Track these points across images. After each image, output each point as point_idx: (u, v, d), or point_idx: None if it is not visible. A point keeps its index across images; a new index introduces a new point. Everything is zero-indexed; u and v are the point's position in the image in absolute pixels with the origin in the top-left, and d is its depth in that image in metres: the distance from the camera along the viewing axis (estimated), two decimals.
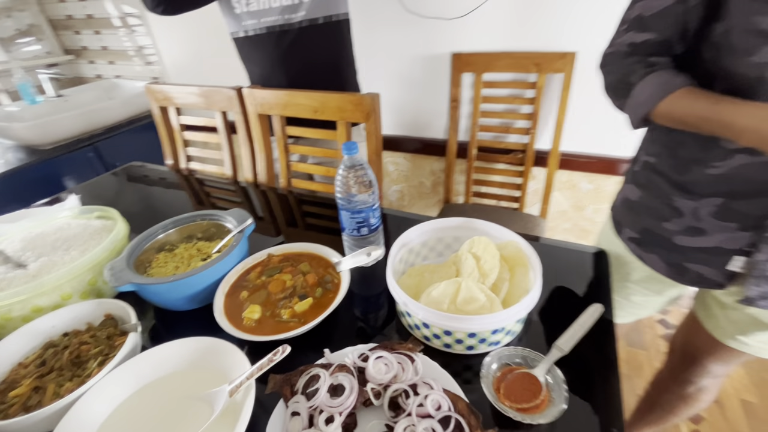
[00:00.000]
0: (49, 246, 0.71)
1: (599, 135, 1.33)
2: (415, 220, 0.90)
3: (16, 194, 1.53)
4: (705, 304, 0.77)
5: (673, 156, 0.63)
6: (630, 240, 0.74)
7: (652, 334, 1.58)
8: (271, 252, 0.73)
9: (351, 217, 0.70)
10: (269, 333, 0.57)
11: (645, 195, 0.69)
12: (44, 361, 0.57)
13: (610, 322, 0.60)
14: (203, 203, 1.07)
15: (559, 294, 0.67)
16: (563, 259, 0.76)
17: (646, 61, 0.57)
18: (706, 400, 0.92)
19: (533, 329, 0.61)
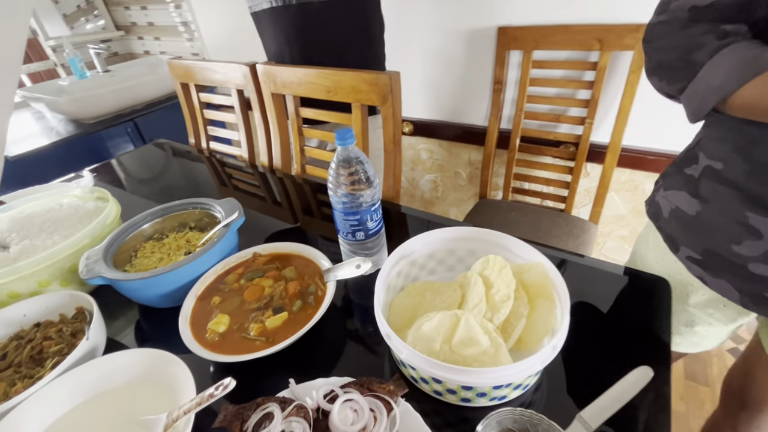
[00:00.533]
0: (36, 228, 0.68)
1: (672, 128, 1.10)
2: (435, 222, 0.78)
3: (58, 166, 1.60)
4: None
5: (748, 160, 0.46)
6: (690, 260, 0.57)
7: (720, 365, 1.34)
8: (258, 251, 0.65)
9: (345, 219, 0.60)
10: (231, 351, 0.49)
11: (707, 210, 0.52)
12: (6, 354, 0.54)
13: (663, 394, 0.45)
14: (223, 185, 1.02)
15: (598, 335, 0.53)
16: (608, 286, 0.60)
17: (718, 31, 0.42)
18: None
19: (554, 381, 0.48)
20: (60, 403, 0.46)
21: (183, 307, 0.56)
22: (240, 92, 1.09)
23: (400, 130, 0.85)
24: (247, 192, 0.99)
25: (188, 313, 0.55)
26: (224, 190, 1.01)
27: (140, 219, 0.71)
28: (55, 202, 0.74)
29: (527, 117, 1.24)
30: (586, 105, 1.13)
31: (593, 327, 0.54)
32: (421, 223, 0.80)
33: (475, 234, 0.59)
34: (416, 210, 0.82)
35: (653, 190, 0.67)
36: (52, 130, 1.70)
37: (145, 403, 0.47)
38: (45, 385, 0.46)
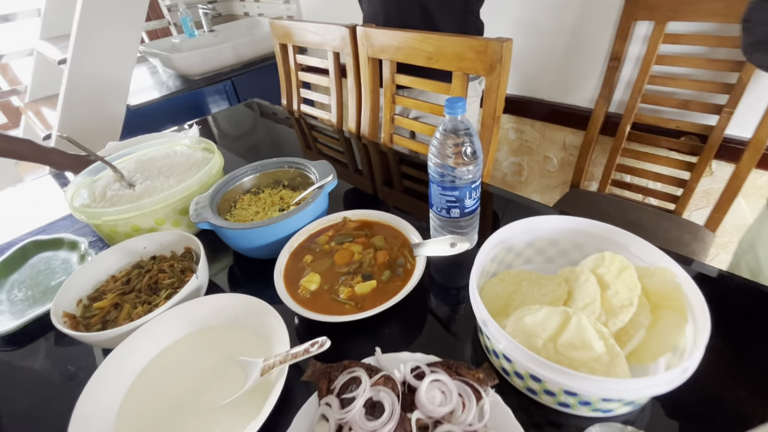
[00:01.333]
0: (156, 170, 0.75)
1: None
2: (529, 208, 0.72)
3: (167, 117, 1.76)
4: None
5: None
6: None
7: None
8: (348, 216, 0.65)
9: (442, 193, 0.57)
10: (321, 310, 0.50)
11: None
12: (129, 279, 0.61)
13: None
14: (308, 147, 1.05)
15: (738, 364, 0.45)
16: (753, 307, 0.51)
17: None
18: None
19: (670, 404, 0.42)
20: (171, 332, 0.51)
21: (278, 260, 0.58)
22: (336, 55, 1.08)
23: (503, 104, 0.79)
24: (332, 157, 1.00)
25: (282, 267, 0.57)
26: (310, 154, 1.03)
27: (241, 172, 0.75)
28: (170, 149, 0.81)
29: (645, 101, 1.08)
30: (727, 90, 0.95)
31: (731, 353, 0.46)
32: (517, 208, 0.74)
33: (586, 226, 0.53)
34: (510, 193, 0.76)
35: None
36: (163, 84, 1.87)
37: (241, 346, 0.50)
38: (161, 313, 0.51)
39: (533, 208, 0.73)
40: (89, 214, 0.66)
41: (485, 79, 0.76)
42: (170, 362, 0.49)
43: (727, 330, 0.48)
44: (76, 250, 0.73)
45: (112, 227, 0.68)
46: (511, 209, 0.74)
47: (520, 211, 0.73)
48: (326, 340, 0.43)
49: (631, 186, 1.20)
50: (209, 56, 1.80)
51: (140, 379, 0.47)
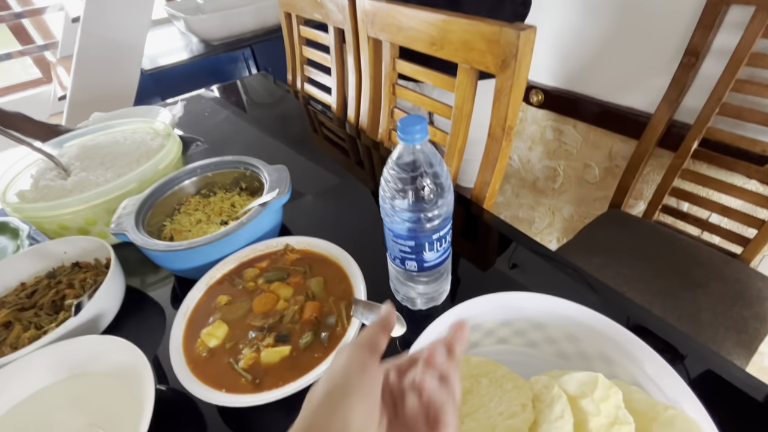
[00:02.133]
0: (97, 161, 0.66)
1: None
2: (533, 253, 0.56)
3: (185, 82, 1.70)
4: None
5: None
6: None
7: None
8: (291, 244, 0.53)
9: (394, 240, 0.43)
10: (210, 380, 0.39)
11: None
12: (36, 290, 0.53)
13: None
14: (314, 131, 0.94)
15: None
16: None
17: None
18: None
19: None
20: (41, 375, 0.43)
21: (187, 297, 0.47)
22: (338, 31, 0.93)
23: (517, 112, 0.61)
24: (324, 147, 0.87)
25: (190, 307, 0.47)
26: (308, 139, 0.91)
27: (185, 172, 0.64)
28: (122, 135, 0.72)
29: (724, 112, 0.84)
30: None
31: None
32: (517, 251, 0.58)
33: (587, 318, 0.37)
34: (515, 230, 0.60)
35: None
36: (185, 49, 1.79)
37: (114, 405, 0.40)
38: (31, 351, 0.42)
39: (538, 253, 0.56)
40: (14, 208, 0.59)
41: (496, 78, 0.58)
42: (29, 418, 0.41)
43: None
44: (16, 239, 0.67)
45: (38, 223, 0.60)
46: (507, 250, 0.58)
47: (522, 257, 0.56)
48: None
49: (687, 216, 0.96)
50: (230, 20, 1.68)
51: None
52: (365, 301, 0.44)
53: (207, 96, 1.17)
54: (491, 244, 0.61)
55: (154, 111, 0.95)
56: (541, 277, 0.53)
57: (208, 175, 0.65)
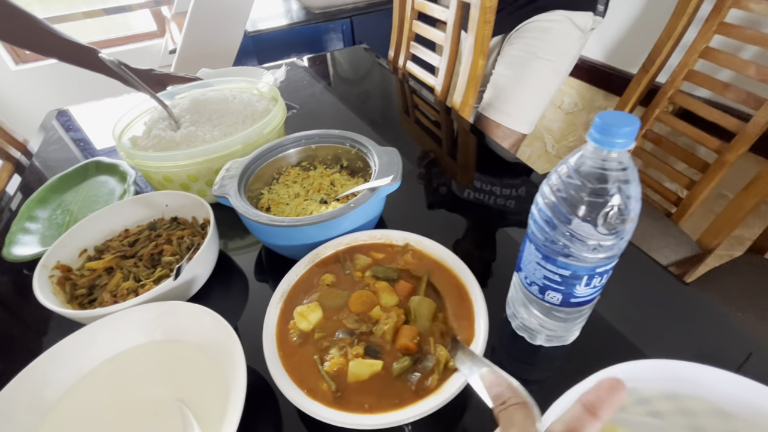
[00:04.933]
0: (206, 116, 0.65)
1: None
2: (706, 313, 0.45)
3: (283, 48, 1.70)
4: None
5: None
6: None
7: None
8: (411, 242, 0.47)
9: (541, 262, 0.34)
10: (293, 374, 0.35)
11: None
12: (137, 240, 0.53)
13: None
14: (406, 113, 0.87)
15: None
16: None
17: None
18: None
19: None
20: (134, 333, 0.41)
21: (289, 272, 0.43)
22: (462, 5, 0.83)
23: None
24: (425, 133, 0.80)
25: (291, 283, 0.43)
26: (400, 125, 0.84)
27: (289, 141, 0.60)
28: (236, 92, 0.70)
29: None
30: None
31: None
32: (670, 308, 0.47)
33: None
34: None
35: None
36: (286, 15, 1.80)
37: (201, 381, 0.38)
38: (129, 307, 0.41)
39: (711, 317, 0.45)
40: (127, 153, 0.59)
41: None
42: (117, 375, 0.39)
43: None
44: (124, 182, 0.69)
45: (145, 172, 0.60)
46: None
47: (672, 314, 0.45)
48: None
49: None
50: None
51: (81, 384, 0.39)
52: (470, 351, 0.35)
53: (302, 64, 1.14)
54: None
55: (258, 72, 0.94)
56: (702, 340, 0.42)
57: (311, 147, 0.61)
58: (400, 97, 0.96)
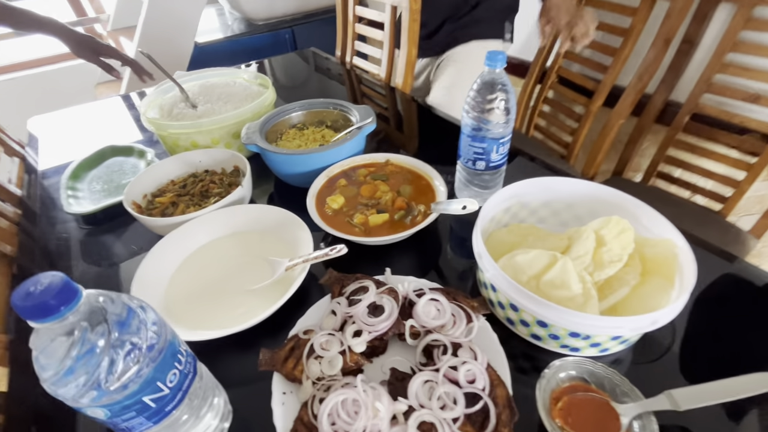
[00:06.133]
0: (216, 96, 0.83)
1: None
2: (566, 174, 0.74)
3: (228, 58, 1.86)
4: None
5: None
6: None
7: None
8: (391, 159, 0.70)
9: (471, 144, 0.60)
10: (336, 227, 0.57)
11: None
12: (185, 184, 0.70)
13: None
14: (354, 98, 1.10)
15: (722, 336, 0.47)
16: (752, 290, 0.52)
17: None
18: None
19: (645, 358, 0.45)
20: (216, 229, 0.60)
21: (317, 180, 0.65)
22: (394, 9, 1.10)
23: None
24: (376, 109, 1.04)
25: (318, 186, 0.65)
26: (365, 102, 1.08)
27: (289, 108, 0.81)
28: (230, 80, 0.89)
29: (711, 91, 1.02)
30: None
31: (720, 327, 0.48)
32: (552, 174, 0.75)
33: (604, 193, 0.54)
34: (553, 158, 0.78)
35: None
36: (228, 27, 1.95)
37: (272, 248, 0.58)
38: (209, 212, 0.59)
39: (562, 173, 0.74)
40: (158, 126, 0.76)
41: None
42: (213, 252, 0.58)
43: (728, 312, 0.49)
44: (143, 158, 0.84)
45: (174, 140, 0.77)
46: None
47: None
48: (343, 247, 0.49)
49: (678, 181, 1.15)
50: (275, 1, 1.85)
51: (187, 261, 0.57)
52: (441, 201, 0.60)
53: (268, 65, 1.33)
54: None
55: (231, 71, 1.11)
56: None
57: (303, 112, 0.83)
58: (349, 88, 1.20)
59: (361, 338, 0.44)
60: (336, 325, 0.46)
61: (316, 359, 0.43)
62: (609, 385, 0.40)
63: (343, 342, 0.43)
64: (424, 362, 0.44)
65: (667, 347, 0.46)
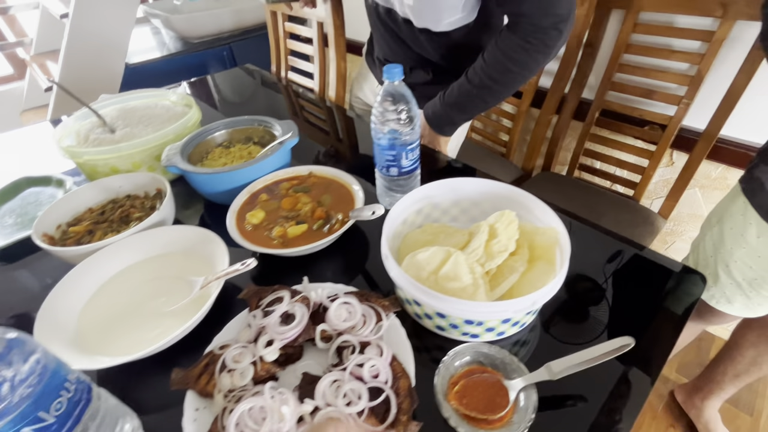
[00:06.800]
0: (136, 119, 0.82)
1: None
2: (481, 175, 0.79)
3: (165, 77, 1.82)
4: None
5: None
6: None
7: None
8: (314, 171, 0.72)
9: (381, 152, 0.64)
10: (254, 241, 0.59)
11: None
12: (104, 211, 0.69)
13: (647, 375, 0.45)
14: (295, 113, 1.12)
15: (601, 312, 0.52)
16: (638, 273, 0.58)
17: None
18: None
19: (537, 339, 0.50)
20: (132, 254, 0.59)
21: (237, 198, 0.66)
22: (320, 25, 1.13)
23: None
24: (311, 122, 1.06)
25: (239, 203, 0.66)
26: (292, 117, 1.09)
27: (213, 127, 0.81)
28: (153, 102, 0.88)
29: (614, 88, 1.13)
30: (688, 82, 0.99)
31: (596, 304, 0.53)
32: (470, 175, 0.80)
33: (502, 190, 0.59)
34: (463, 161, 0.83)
35: (748, 168, 0.65)
36: (164, 46, 1.91)
37: (191, 268, 0.58)
38: (122, 238, 0.59)
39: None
40: (72, 153, 0.74)
41: None
42: (130, 277, 0.57)
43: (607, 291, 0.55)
44: (62, 187, 0.81)
45: (92, 167, 0.75)
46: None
47: None
48: (253, 261, 0.51)
49: (598, 172, 1.25)
50: (209, 20, 1.83)
51: (103, 288, 0.56)
52: (357, 207, 0.63)
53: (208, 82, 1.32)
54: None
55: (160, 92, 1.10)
56: None
57: (228, 130, 0.83)
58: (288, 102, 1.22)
59: (272, 347, 0.45)
60: (251, 338, 0.48)
61: (229, 372, 0.44)
62: (501, 365, 0.44)
63: (255, 353, 0.45)
64: (336, 363, 0.46)
65: (551, 324, 0.51)
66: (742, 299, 0.72)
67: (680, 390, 1.16)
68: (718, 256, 0.72)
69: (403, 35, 0.83)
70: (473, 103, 0.77)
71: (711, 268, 0.74)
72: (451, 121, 0.81)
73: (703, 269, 0.76)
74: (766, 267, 0.65)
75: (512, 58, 0.70)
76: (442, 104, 0.80)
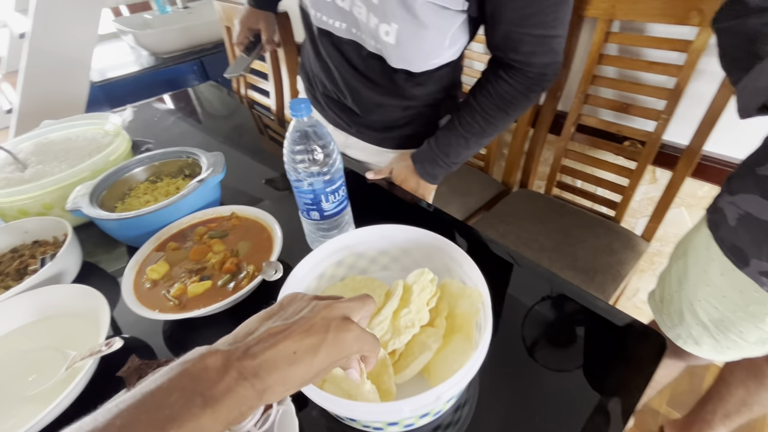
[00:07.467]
0: (52, 155, 0.75)
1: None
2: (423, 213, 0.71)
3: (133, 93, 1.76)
4: None
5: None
6: (764, 275, 0.50)
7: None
8: (236, 211, 0.65)
9: (299, 195, 0.56)
10: (147, 303, 0.51)
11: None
12: (2, 261, 0.62)
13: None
14: (260, 132, 1.05)
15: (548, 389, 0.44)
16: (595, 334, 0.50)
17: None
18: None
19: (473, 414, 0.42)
20: (11, 319, 0.52)
21: (141, 249, 0.59)
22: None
23: None
24: (264, 142, 0.99)
25: (144, 254, 0.58)
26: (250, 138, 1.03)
27: (135, 161, 0.75)
28: (76, 134, 0.81)
29: (589, 102, 1.04)
30: (666, 95, 0.90)
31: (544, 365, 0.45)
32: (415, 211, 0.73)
33: (432, 240, 0.52)
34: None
35: (716, 197, 0.60)
36: (135, 62, 1.86)
37: (76, 335, 0.51)
38: (7, 298, 0.52)
39: (428, 213, 0.72)
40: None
41: None
42: (2, 348, 0.50)
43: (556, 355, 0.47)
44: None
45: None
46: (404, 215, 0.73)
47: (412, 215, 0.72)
48: (117, 340, 0.44)
49: (577, 190, 1.16)
50: (177, 34, 1.78)
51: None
52: (272, 261, 0.55)
53: (158, 105, 1.26)
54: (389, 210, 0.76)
55: (103, 116, 1.03)
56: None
57: (155, 164, 0.76)
58: (246, 119, 1.15)
59: None
60: None
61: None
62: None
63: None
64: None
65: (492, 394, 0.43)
66: (710, 341, 0.63)
67: (671, 427, 1.07)
68: (683, 292, 0.64)
69: (368, 71, 0.72)
70: (471, 150, 0.76)
71: (676, 305, 0.66)
72: (448, 170, 0.78)
73: (668, 305, 0.68)
74: (732, 308, 0.57)
75: (512, 104, 0.69)
76: (436, 155, 0.75)
